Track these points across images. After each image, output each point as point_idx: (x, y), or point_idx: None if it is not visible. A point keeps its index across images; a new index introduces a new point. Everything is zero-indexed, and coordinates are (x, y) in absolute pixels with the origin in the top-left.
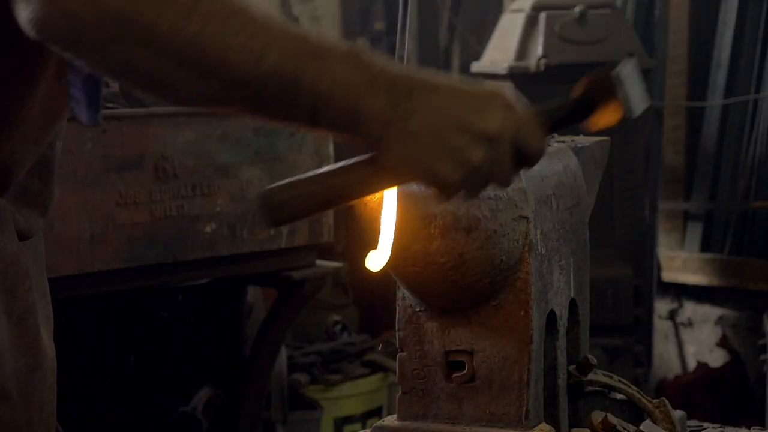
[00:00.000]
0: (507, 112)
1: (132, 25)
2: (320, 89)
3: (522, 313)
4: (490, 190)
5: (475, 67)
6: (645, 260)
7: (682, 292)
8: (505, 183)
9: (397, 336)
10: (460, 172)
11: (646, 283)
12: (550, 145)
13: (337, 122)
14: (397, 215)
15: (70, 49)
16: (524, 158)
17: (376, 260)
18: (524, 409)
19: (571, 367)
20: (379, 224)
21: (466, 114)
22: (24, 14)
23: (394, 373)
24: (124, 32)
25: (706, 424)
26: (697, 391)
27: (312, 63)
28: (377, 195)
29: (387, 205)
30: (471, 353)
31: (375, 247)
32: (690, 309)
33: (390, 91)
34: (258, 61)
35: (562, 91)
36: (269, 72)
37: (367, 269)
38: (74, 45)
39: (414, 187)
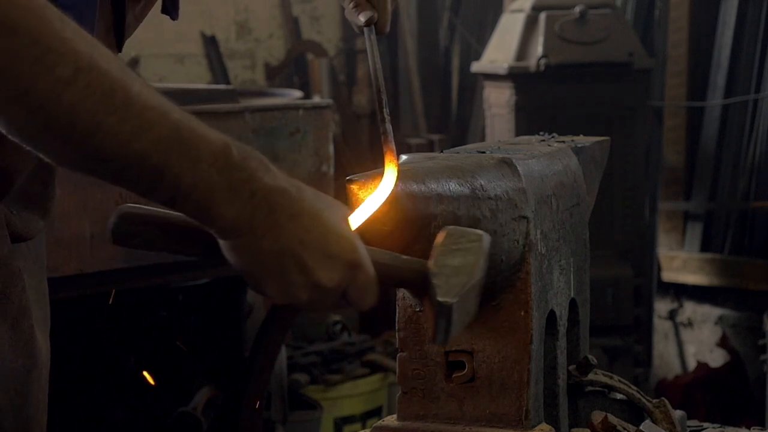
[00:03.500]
0: (350, 270)
1: (10, 85)
2: (180, 185)
3: (522, 313)
4: None
5: (475, 67)
6: (645, 260)
7: (682, 292)
8: (326, 312)
9: (397, 336)
10: (284, 299)
11: (646, 283)
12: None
13: (192, 215)
14: (388, 213)
15: None
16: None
17: None
18: (524, 409)
19: (571, 367)
20: (362, 203)
21: (313, 259)
22: None
23: (394, 373)
24: (1, 89)
25: (706, 424)
26: (697, 391)
27: (178, 158)
28: (373, 184)
29: (376, 194)
30: (471, 353)
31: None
32: (690, 309)
33: (250, 201)
34: (125, 144)
35: (562, 91)
36: (134, 157)
37: None
38: None
39: (414, 187)
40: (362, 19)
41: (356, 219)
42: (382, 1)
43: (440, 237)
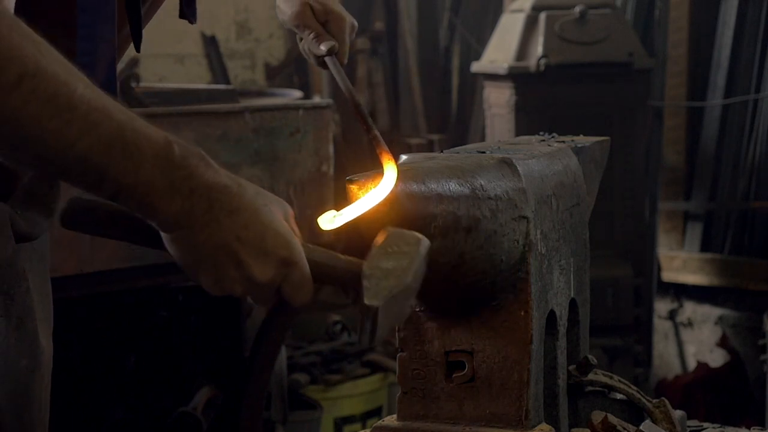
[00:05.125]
0: (284, 267)
1: None
2: (122, 183)
3: (522, 313)
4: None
5: (475, 67)
6: (645, 260)
7: (682, 292)
8: (262, 305)
9: (397, 336)
10: (219, 292)
11: (646, 283)
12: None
13: (135, 210)
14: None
15: None
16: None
17: (330, 221)
18: (524, 409)
19: (571, 367)
20: (359, 199)
21: (248, 254)
22: None
23: (394, 373)
24: None
25: (706, 424)
26: (697, 391)
27: (120, 158)
28: (373, 184)
29: (376, 190)
30: (471, 353)
31: (338, 211)
32: (690, 309)
33: (189, 197)
34: (68, 147)
35: (562, 91)
36: (77, 158)
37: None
38: None
39: (414, 187)
40: (323, 48)
41: (351, 214)
42: (342, 33)
43: (379, 238)
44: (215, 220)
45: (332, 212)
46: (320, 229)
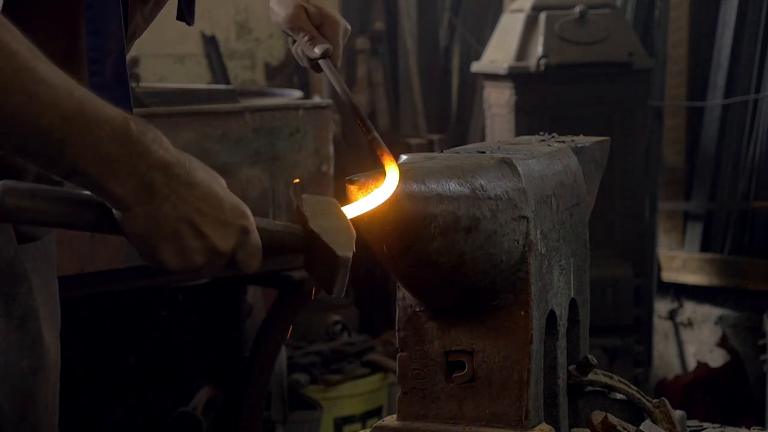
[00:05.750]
0: (241, 236)
1: None
2: (80, 158)
3: (522, 313)
4: None
5: (475, 67)
6: (645, 260)
7: (682, 292)
8: (212, 275)
9: (397, 336)
10: (179, 265)
11: (646, 283)
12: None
13: (89, 187)
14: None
15: None
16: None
17: None
18: (524, 409)
19: (571, 367)
20: (361, 197)
21: (209, 226)
22: None
23: (394, 373)
24: None
25: (706, 424)
26: (697, 391)
27: (80, 134)
28: (374, 184)
29: (379, 190)
30: (471, 353)
31: (342, 204)
32: (690, 309)
33: (147, 172)
34: (29, 122)
35: (562, 91)
36: (37, 133)
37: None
38: None
39: (414, 187)
40: (318, 51)
41: (351, 212)
42: (336, 36)
43: (302, 205)
44: (175, 192)
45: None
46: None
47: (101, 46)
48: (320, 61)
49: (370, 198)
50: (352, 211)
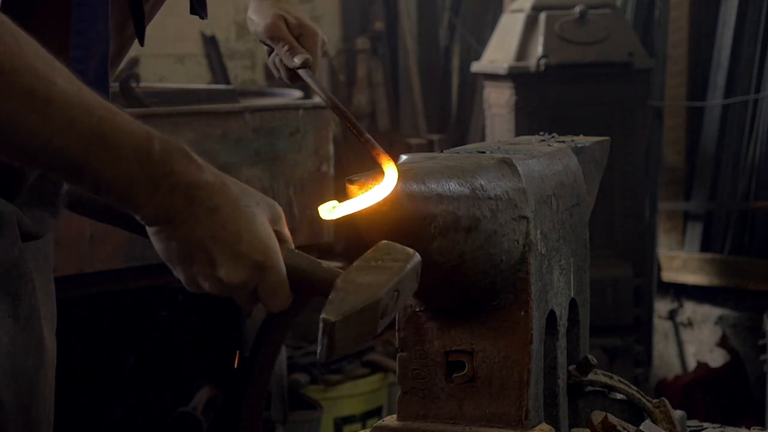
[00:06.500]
0: (257, 271)
1: None
2: (102, 178)
3: (522, 313)
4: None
5: (475, 67)
6: (645, 260)
7: (682, 292)
8: (244, 306)
9: (397, 336)
10: (193, 287)
11: (646, 283)
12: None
13: (117, 204)
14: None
15: None
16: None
17: (329, 212)
18: (524, 409)
19: (571, 367)
20: (362, 194)
21: (221, 254)
22: None
23: (394, 373)
24: None
25: (706, 424)
26: (697, 391)
27: (99, 153)
28: (374, 184)
29: (377, 188)
30: (471, 353)
31: (340, 202)
32: (690, 309)
33: (169, 194)
34: (46, 142)
35: (562, 91)
36: (55, 153)
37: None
38: None
39: (414, 187)
40: (297, 61)
41: (351, 208)
42: (314, 46)
43: (371, 250)
44: (193, 216)
45: (333, 202)
46: (320, 218)
47: (86, 46)
48: (300, 71)
49: (369, 195)
50: (350, 208)
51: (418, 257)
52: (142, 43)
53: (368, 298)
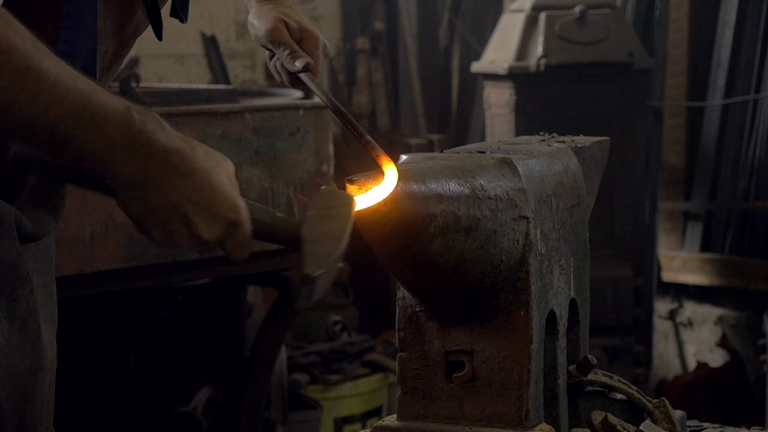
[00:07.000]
0: (229, 228)
1: None
2: (85, 149)
3: (522, 313)
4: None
5: (475, 67)
6: (645, 260)
7: (682, 292)
8: (201, 253)
9: (397, 336)
10: (165, 244)
11: (646, 283)
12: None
13: (91, 171)
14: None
15: None
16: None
17: None
18: (524, 409)
19: (571, 367)
20: (365, 192)
21: (197, 215)
22: None
23: (394, 373)
24: None
25: (706, 424)
26: (697, 391)
27: (85, 126)
28: (374, 184)
29: (378, 188)
30: (471, 353)
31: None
32: (690, 309)
33: (147, 160)
34: (37, 116)
35: (562, 91)
36: (44, 127)
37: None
38: None
39: (414, 187)
40: (299, 65)
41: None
42: (315, 50)
43: (315, 199)
44: (169, 181)
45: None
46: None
47: (74, 41)
48: (301, 75)
49: (369, 194)
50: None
51: (355, 200)
52: (159, 37)
53: (336, 248)
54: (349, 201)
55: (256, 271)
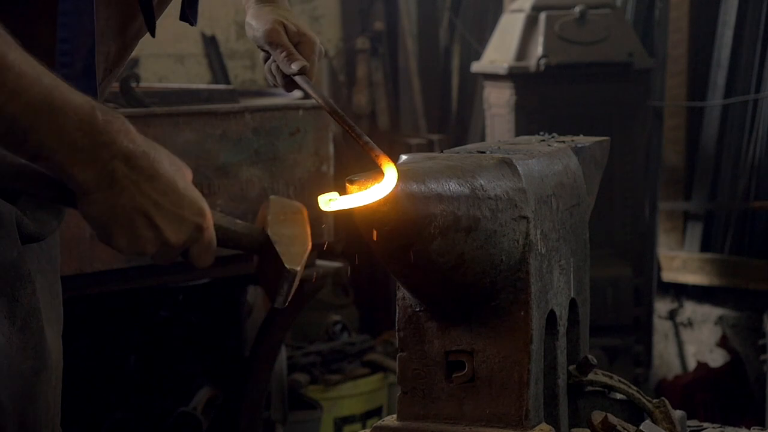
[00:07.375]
0: (195, 232)
1: None
2: (45, 145)
3: (522, 313)
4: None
5: (475, 67)
6: (645, 260)
7: (682, 292)
8: (164, 263)
9: (397, 336)
10: (130, 250)
11: (646, 283)
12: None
13: (52, 170)
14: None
15: None
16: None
17: (326, 204)
18: (524, 409)
19: (571, 367)
20: (364, 190)
21: (164, 219)
22: None
23: (394, 373)
24: None
25: (706, 424)
26: (697, 391)
27: (46, 121)
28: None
29: (377, 187)
30: (471, 353)
31: (341, 195)
32: (690, 309)
33: (110, 162)
34: None
35: (562, 91)
36: (3, 119)
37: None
38: None
39: (414, 187)
40: (295, 68)
41: (349, 203)
42: (312, 54)
43: (267, 207)
44: (135, 184)
45: (333, 194)
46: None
47: (71, 39)
48: (297, 77)
49: (368, 192)
50: (350, 202)
51: (304, 208)
52: (153, 34)
53: (305, 248)
54: (300, 208)
55: (256, 271)
